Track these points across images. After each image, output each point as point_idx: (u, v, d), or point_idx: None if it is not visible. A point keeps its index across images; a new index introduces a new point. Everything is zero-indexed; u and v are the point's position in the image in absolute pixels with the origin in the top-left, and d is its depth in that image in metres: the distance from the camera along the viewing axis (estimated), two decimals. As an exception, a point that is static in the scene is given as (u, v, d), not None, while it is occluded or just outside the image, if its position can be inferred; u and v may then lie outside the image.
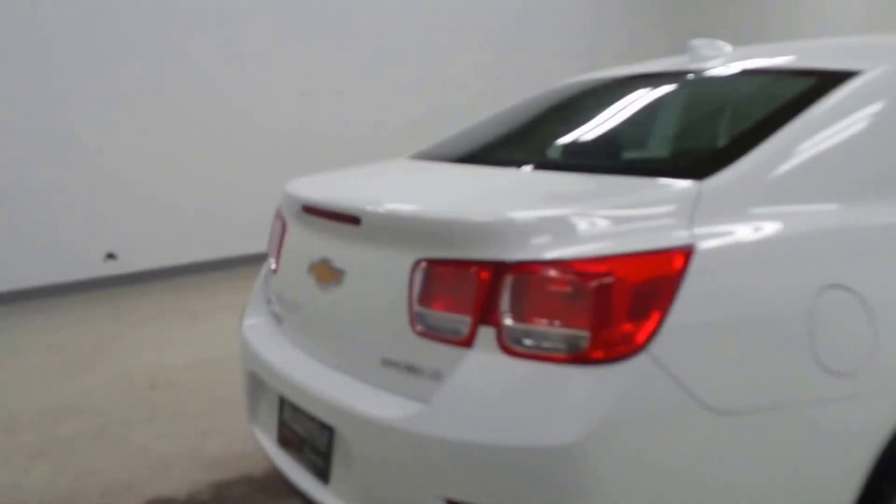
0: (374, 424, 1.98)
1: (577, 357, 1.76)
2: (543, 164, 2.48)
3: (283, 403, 2.41)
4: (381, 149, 4.74)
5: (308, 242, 2.41)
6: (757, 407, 1.83)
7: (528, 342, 1.81)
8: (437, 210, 2.03)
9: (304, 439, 2.30)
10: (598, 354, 1.74)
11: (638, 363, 1.74)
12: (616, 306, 1.75)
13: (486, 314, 1.86)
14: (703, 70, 2.69)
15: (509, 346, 1.82)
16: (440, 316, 1.95)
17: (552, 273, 1.80)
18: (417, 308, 1.99)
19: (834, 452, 1.94)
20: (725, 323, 1.81)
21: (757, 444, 1.84)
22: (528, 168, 2.43)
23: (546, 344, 1.79)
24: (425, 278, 1.98)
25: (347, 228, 2.19)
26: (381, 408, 2.00)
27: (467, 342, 1.89)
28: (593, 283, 1.76)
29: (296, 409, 2.33)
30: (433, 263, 1.97)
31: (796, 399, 1.88)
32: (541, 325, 1.80)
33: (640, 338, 1.75)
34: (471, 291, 1.89)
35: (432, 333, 1.96)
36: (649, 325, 1.75)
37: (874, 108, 2.16)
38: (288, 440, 2.39)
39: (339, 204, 2.25)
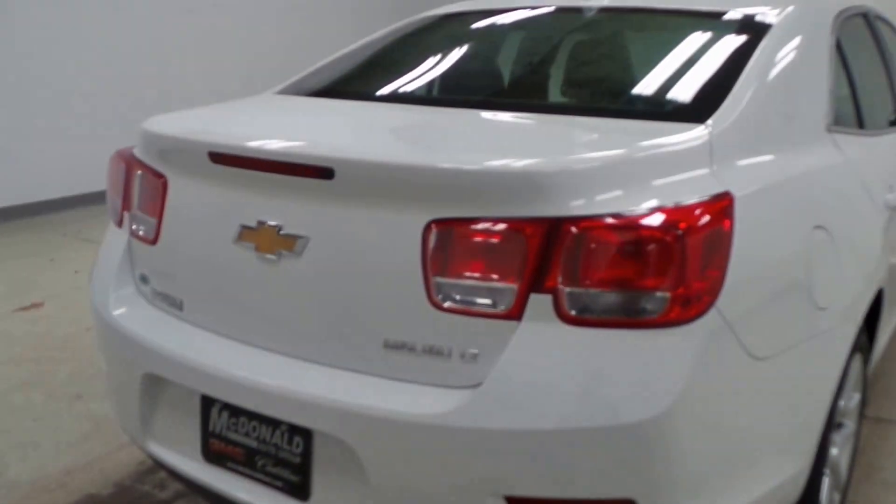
0: (396, 422, 1.64)
1: (655, 320, 1.58)
2: (497, 105, 2.19)
3: (211, 409, 1.94)
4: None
5: (229, 202, 1.91)
6: (780, 349, 1.83)
7: (595, 308, 1.59)
8: (463, 160, 1.67)
9: (257, 451, 1.87)
10: (676, 315, 1.58)
11: (709, 321, 1.61)
12: (691, 261, 1.59)
13: (537, 280, 1.60)
14: (619, 6, 2.57)
15: (571, 314, 1.59)
16: (471, 286, 1.65)
17: (622, 228, 1.58)
18: (437, 279, 1.66)
19: (817, 380, 2.04)
20: (759, 271, 1.75)
21: (774, 384, 1.84)
22: (482, 109, 2.13)
23: (618, 308, 1.59)
24: (447, 243, 1.65)
25: (308, 184, 1.76)
26: (398, 401, 1.66)
27: (513, 314, 1.62)
28: (669, 237, 1.58)
29: (238, 415, 1.89)
30: (457, 225, 1.64)
31: (800, 337, 1.92)
32: (611, 287, 1.59)
33: (710, 293, 1.62)
34: (517, 255, 1.61)
35: (460, 308, 1.65)
36: (716, 278, 1.63)
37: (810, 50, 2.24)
38: (223, 454, 1.93)
39: (295, 152, 1.78)
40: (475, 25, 2.81)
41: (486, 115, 2.07)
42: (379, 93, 2.42)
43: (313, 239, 1.78)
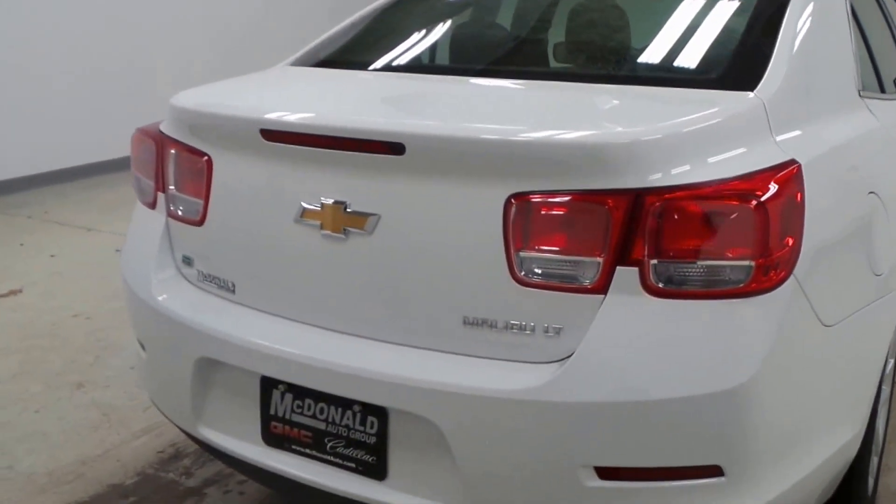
0: (486, 399, 1.64)
1: (740, 290, 1.61)
2: (539, 75, 2.19)
3: (272, 392, 1.92)
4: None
5: (287, 181, 1.88)
6: (844, 317, 1.88)
7: (681, 279, 1.61)
8: (546, 134, 1.66)
9: (326, 432, 1.86)
10: (759, 284, 1.62)
11: (787, 289, 1.65)
12: (771, 229, 1.62)
13: (622, 253, 1.62)
14: None
15: (657, 286, 1.61)
16: (554, 261, 1.66)
17: (706, 198, 1.61)
18: (519, 254, 1.66)
19: (873, 347, 2.11)
20: (826, 239, 1.79)
21: (839, 351, 1.89)
22: (527, 80, 2.13)
23: (703, 279, 1.61)
24: (529, 217, 1.66)
25: (376, 160, 1.74)
26: (486, 378, 1.66)
27: (599, 287, 1.63)
28: (752, 206, 1.60)
29: (303, 396, 1.87)
30: (540, 198, 1.65)
31: (861, 304, 1.97)
32: (696, 258, 1.61)
33: (788, 261, 1.65)
34: (601, 228, 1.62)
35: (543, 283, 1.66)
36: (793, 246, 1.66)
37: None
38: (286, 437, 1.91)
39: (363, 128, 1.76)
40: None
41: (536, 85, 2.08)
42: (412, 64, 2.41)
43: (384, 216, 1.76)
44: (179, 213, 2.12)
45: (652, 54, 2.21)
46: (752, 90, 1.86)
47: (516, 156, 1.66)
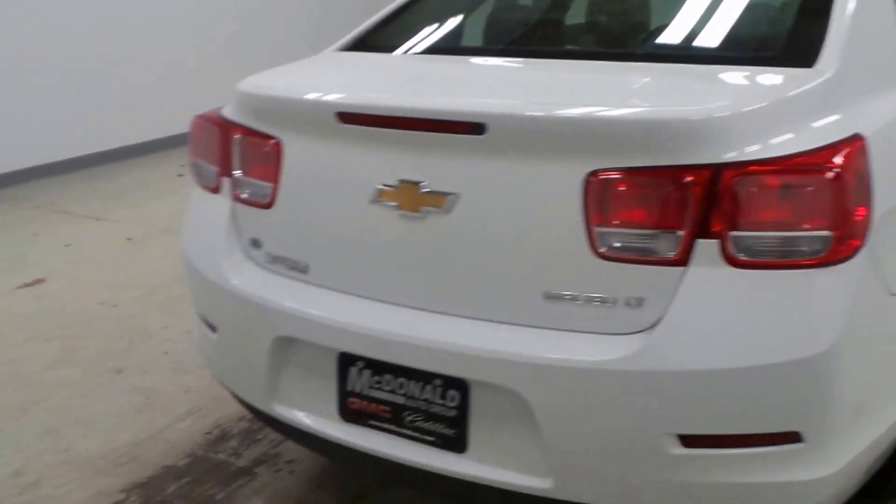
0: (573, 370, 1.71)
1: (817, 260, 1.67)
2: (600, 56, 2.24)
3: (350, 368, 1.98)
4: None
5: (362, 162, 1.93)
6: None
7: (761, 251, 1.68)
8: (626, 112, 1.73)
9: (405, 406, 1.92)
10: (837, 254, 1.68)
11: (860, 259, 1.71)
12: (846, 200, 1.68)
13: (702, 226, 1.68)
14: None
15: (737, 257, 1.67)
16: (635, 234, 1.72)
17: (783, 172, 1.68)
18: (599, 229, 1.73)
19: None
20: (892, 207, 1.84)
21: None
22: (590, 60, 2.19)
23: (784, 250, 1.68)
24: (609, 193, 1.72)
25: (455, 140, 1.80)
26: (571, 350, 1.73)
27: (680, 259, 1.69)
28: (828, 178, 1.67)
29: (382, 372, 1.94)
30: (619, 174, 1.71)
31: None
32: (777, 230, 1.68)
33: (861, 232, 1.72)
34: (681, 202, 1.68)
35: (624, 256, 1.72)
36: (864, 217, 1.73)
37: None
38: (364, 412, 1.98)
39: (445, 109, 1.81)
40: None
41: (601, 66, 2.14)
42: (468, 47, 2.46)
43: (463, 195, 1.82)
44: (247, 196, 2.16)
45: (709, 33, 2.26)
46: (810, 66, 1.91)
47: (597, 134, 1.72)
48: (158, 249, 4.99)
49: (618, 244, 1.72)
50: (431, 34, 2.57)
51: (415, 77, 2.25)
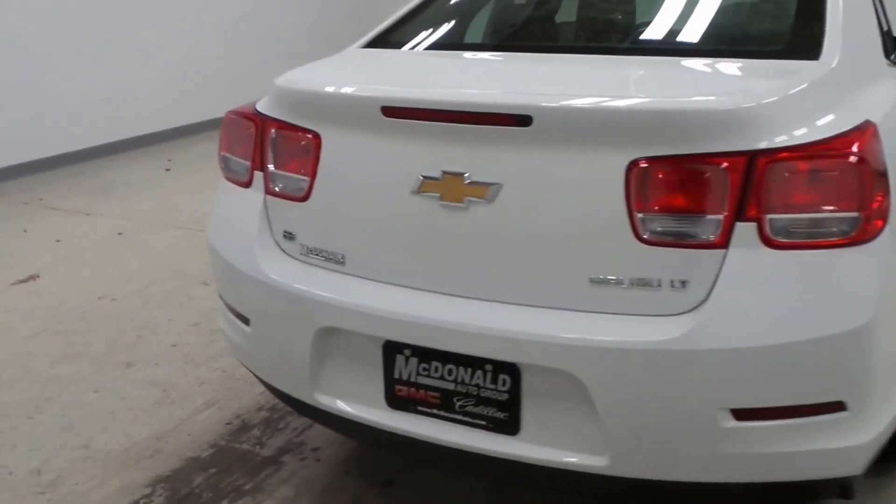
0: (629, 351, 1.76)
1: (851, 238, 1.75)
2: (623, 51, 2.31)
3: (396, 356, 2.01)
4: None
5: (404, 155, 1.97)
6: None
7: (796, 232, 1.75)
8: (668, 102, 1.79)
9: (455, 392, 1.96)
10: (865, 234, 1.76)
11: (886, 237, 1.80)
12: (872, 183, 1.76)
13: (741, 210, 1.75)
14: None
15: (774, 239, 1.74)
16: (677, 219, 1.78)
17: (815, 157, 1.75)
18: (642, 214, 1.78)
19: None
20: None
21: None
22: (617, 55, 2.26)
23: (817, 230, 1.75)
24: (651, 180, 1.78)
25: (500, 132, 1.84)
26: (624, 332, 1.78)
27: (720, 242, 1.76)
28: (856, 162, 1.75)
29: (430, 359, 1.97)
30: (661, 162, 1.77)
31: None
32: (810, 212, 1.75)
33: (884, 212, 1.80)
34: (720, 187, 1.75)
35: (667, 240, 1.79)
36: (885, 197, 1.80)
37: None
38: (411, 399, 2.01)
39: (493, 102, 1.85)
40: None
41: (629, 59, 2.20)
42: (502, 42, 2.50)
43: (506, 185, 1.86)
44: (281, 190, 2.19)
45: (718, 30, 2.36)
46: (816, 59, 2.02)
47: (639, 123, 1.78)
48: (151, 243, 4.97)
49: (660, 229, 1.79)
50: (450, 31, 2.62)
51: (450, 71, 2.28)
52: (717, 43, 2.36)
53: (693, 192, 1.77)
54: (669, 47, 2.38)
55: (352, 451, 2.82)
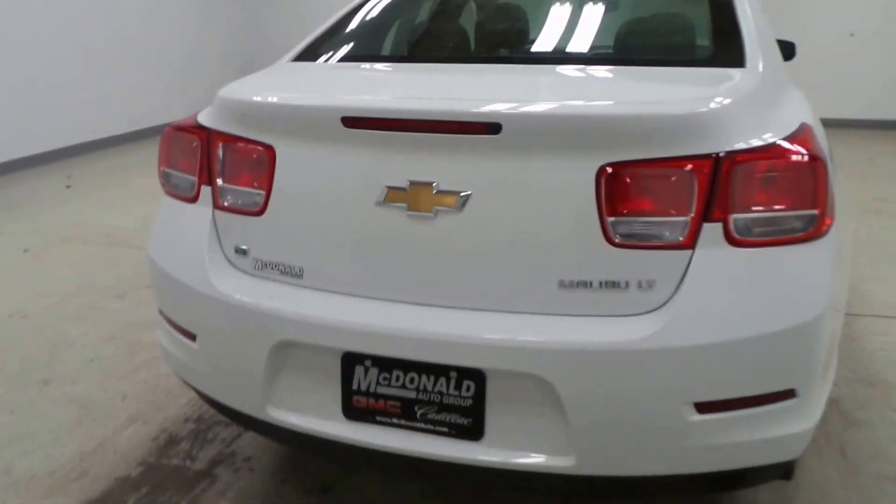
0: (599, 352, 1.56)
1: (808, 234, 1.63)
2: (570, 60, 2.12)
3: (356, 367, 1.74)
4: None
5: (367, 166, 1.70)
6: (847, 252, 1.96)
7: (758, 230, 1.60)
8: (634, 109, 1.59)
9: (416, 401, 1.71)
10: (819, 230, 1.64)
11: (833, 232, 1.69)
12: (825, 181, 1.64)
13: (707, 211, 1.58)
14: None
15: (738, 238, 1.59)
16: (646, 222, 1.60)
17: (776, 158, 1.60)
18: (612, 218, 1.59)
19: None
20: (833, 185, 1.82)
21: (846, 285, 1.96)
22: (566, 64, 2.07)
23: (777, 228, 1.61)
24: (621, 184, 1.58)
25: (469, 140, 1.61)
26: (594, 333, 1.58)
27: (688, 243, 1.59)
28: (812, 161, 1.62)
29: (391, 368, 1.71)
30: (630, 167, 1.58)
31: (848, 241, 1.99)
32: (772, 211, 1.60)
33: (831, 209, 1.68)
34: (687, 190, 1.58)
35: (637, 242, 1.60)
36: (829, 196, 1.69)
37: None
38: (370, 410, 1.74)
39: (462, 110, 1.61)
40: None
41: (581, 68, 2.03)
42: (441, 53, 2.29)
43: (475, 193, 1.63)
44: (232, 204, 1.88)
45: (655, 40, 2.22)
46: (743, 66, 1.91)
47: (609, 129, 1.58)
48: (58, 259, 4.45)
49: (630, 232, 1.60)
50: (383, 43, 2.38)
51: (406, 81, 2.04)
52: (653, 52, 2.22)
53: (662, 195, 1.59)
54: (610, 56, 2.23)
55: (286, 459, 2.51)
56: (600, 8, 2.50)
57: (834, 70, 8.12)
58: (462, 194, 1.64)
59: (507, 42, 2.45)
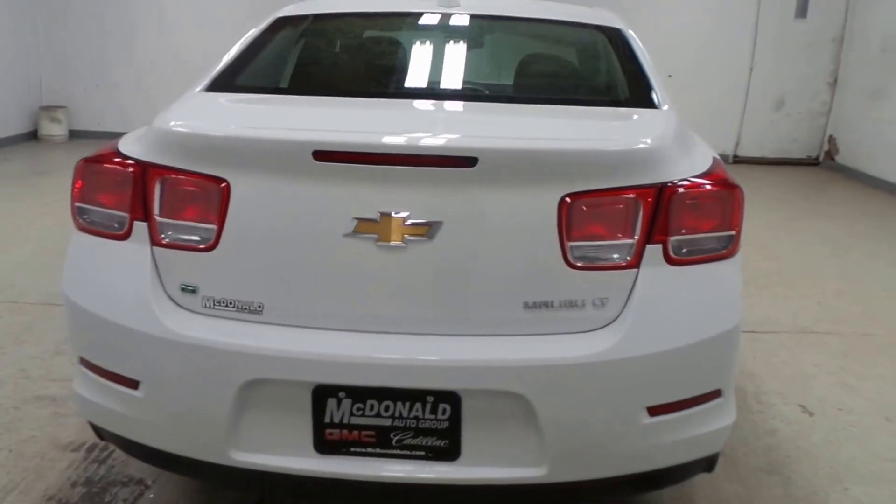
0: (571, 367, 1.73)
1: (728, 252, 1.90)
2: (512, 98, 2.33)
3: (327, 400, 1.75)
4: None
5: (335, 198, 1.74)
6: None
7: (690, 250, 1.84)
8: (594, 144, 1.81)
9: (391, 428, 1.76)
10: (735, 248, 1.92)
11: (740, 251, 1.96)
12: (741, 205, 1.93)
13: (650, 234, 1.80)
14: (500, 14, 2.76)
15: (675, 257, 1.82)
16: (601, 245, 1.79)
17: (705, 186, 1.86)
18: (572, 243, 1.76)
19: None
20: None
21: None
22: (509, 103, 2.27)
23: (705, 248, 1.86)
24: (580, 212, 1.76)
25: (444, 173, 1.72)
26: (563, 350, 1.74)
27: (634, 263, 1.80)
28: (734, 191, 1.90)
29: (365, 398, 1.75)
30: (587, 196, 1.76)
31: None
32: (703, 233, 1.86)
33: (741, 229, 1.96)
34: (635, 216, 1.79)
35: (592, 265, 1.78)
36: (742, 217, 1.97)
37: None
38: (343, 441, 1.76)
39: (442, 145, 1.74)
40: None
41: (525, 106, 2.24)
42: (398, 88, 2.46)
43: (446, 223, 1.74)
44: (175, 240, 1.83)
45: (576, 83, 2.46)
46: (657, 107, 2.18)
47: (572, 163, 1.77)
48: None
49: (587, 254, 1.78)
50: (317, 74, 2.44)
51: (366, 114, 2.09)
52: (581, 94, 2.48)
53: (614, 221, 1.80)
54: (539, 97, 2.40)
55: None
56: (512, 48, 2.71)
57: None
58: (433, 224, 1.74)
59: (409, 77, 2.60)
